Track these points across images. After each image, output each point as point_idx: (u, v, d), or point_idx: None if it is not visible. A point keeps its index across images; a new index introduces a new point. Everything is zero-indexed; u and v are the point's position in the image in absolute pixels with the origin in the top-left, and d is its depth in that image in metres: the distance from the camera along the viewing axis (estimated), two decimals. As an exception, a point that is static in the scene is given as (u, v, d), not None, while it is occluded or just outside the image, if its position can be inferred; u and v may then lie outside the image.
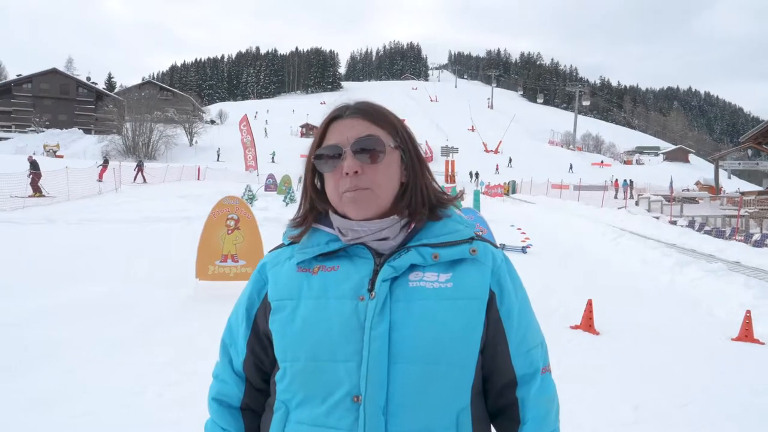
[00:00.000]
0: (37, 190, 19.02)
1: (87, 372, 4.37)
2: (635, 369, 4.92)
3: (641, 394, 4.25)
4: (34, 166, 19.52)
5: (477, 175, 54.12)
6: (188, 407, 3.74)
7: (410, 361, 0.99)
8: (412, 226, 1.11)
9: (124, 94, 78.24)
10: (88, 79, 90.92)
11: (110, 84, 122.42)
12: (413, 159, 1.14)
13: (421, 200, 1.12)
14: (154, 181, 30.20)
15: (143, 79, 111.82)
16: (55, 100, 77.17)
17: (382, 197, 1.09)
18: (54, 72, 79.52)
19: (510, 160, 73.94)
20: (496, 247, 1.15)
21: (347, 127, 1.10)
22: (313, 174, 1.15)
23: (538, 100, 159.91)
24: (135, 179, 29.41)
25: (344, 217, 1.11)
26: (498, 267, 1.11)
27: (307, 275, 1.10)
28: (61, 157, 47.25)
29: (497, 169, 66.28)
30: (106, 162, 28.80)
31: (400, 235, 1.10)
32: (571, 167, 70.06)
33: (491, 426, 1.15)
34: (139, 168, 30.70)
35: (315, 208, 1.16)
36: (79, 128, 71.25)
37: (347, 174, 1.06)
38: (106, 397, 3.88)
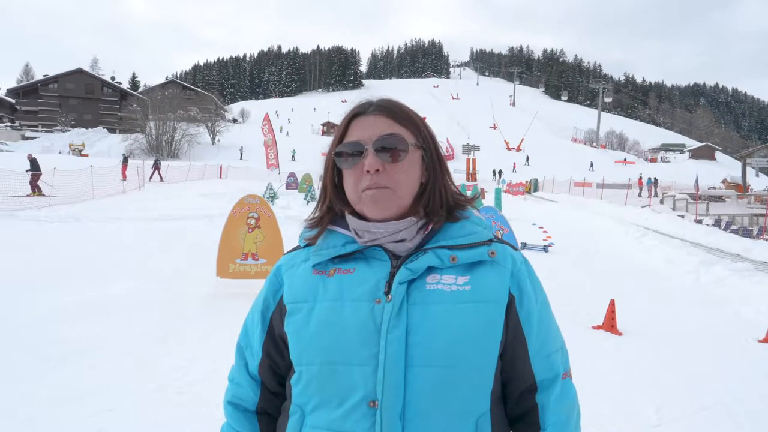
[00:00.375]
0: (36, 189, 18.95)
1: (109, 369, 4.44)
2: (658, 370, 4.83)
3: (665, 395, 4.17)
4: (33, 165, 19.33)
5: (500, 173, 53.65)
6: (209, 405, 3.76)
7: (427, 365, 0.97)
8: (430, 227, 1.09)
9: (147, 93, 79.18)
10: (113, 78, 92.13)
11: (134, 83, 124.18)
12: (434, 159, 1.12)
13: (439, 201, 1.10)
14: (176, 179, 30.51)
15: (166, 79, 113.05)
16: (81, 99, 78.46)
17: (402, 197, 1.07)
18: (79, 72, 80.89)
19: (527, 158, 72.89)
20: (515, 248, 1.13)
21: (369, 125, 1.08)
22: (333, 172, 1.14)
23: (562, 98, 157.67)
24: (151, 178, 29.14)
25: (361, 218, 1.09)
26: (517, 270, 1.08)
27: (323, 278, 1.09)
28: (86, 156, 48.13)
29: (514, 167, 65.37)
30: (125, 160, 28.71)
31: (417, 236, 1.08)
32: (591, 165, 68.59)
33: None
34: (156, 166, 30.35)
35: (332, 210, 1.15)
36: (103, 127, 72.34)
37: (368, 172, 1.05)
38: (128, 394, 3.94)
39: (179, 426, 3.49)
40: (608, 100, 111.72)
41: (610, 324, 6.05)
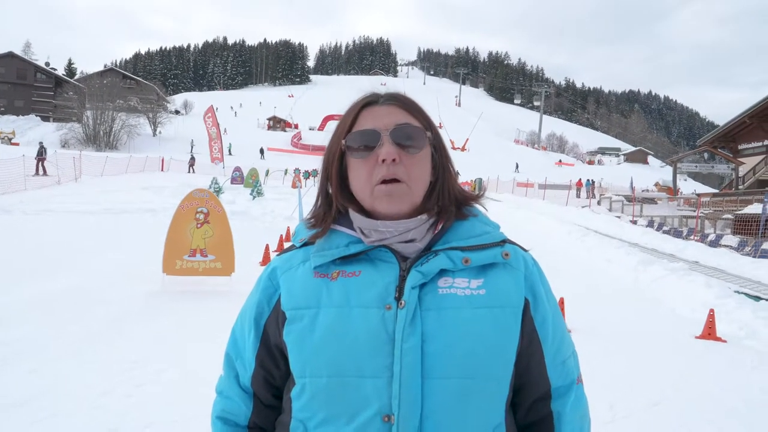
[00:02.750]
0: None
1: (51, 371, 4.19)
2: (607, 368, 4.98)
3: (615, 392, 4.30)
4: None
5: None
6: (159, 409, 3.63)
7: (445, 376, 0.92)
8: (439, 227, 1.04)
9: (85, 81, 75.63)
10: (47, 64, 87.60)
11: (70, 70, 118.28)
12: (443, 157, 1.08)
13: (449, 199, 1.05)
14: (115, 171, 29.20)
15: (105, 66, 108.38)
16: (12, 85, 74.03)
17: (416, 192, 1.01)
18: (11, 56, 76.27)
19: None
20: (524, 249, 1.10)
21: (384, 114, 1.03)
22: (340, 164, 1.06)
23: (515, 101, 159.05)
24: (37, 171, 23.02)
25: (367, 215, 1.03)
26: (530, 272, 1.04)
27: (326, 281, 1.01)
28: (17, 144, 45.50)
29: None
30: None
31: (426, 236, 1.02)
32: (517, 167, 66.97)
33: None
34: (40, 158, 23.85)
35: (337, 209, 1.07)
36: (36, 115, 68.76)
37: (383, 161, 0.98)
38: (72, 398, 3.72)
39: (131, 431, 3.33)
40: (537, 103, 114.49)
41: (559, 322, 6.20)
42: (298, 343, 0.99)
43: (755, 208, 21.59)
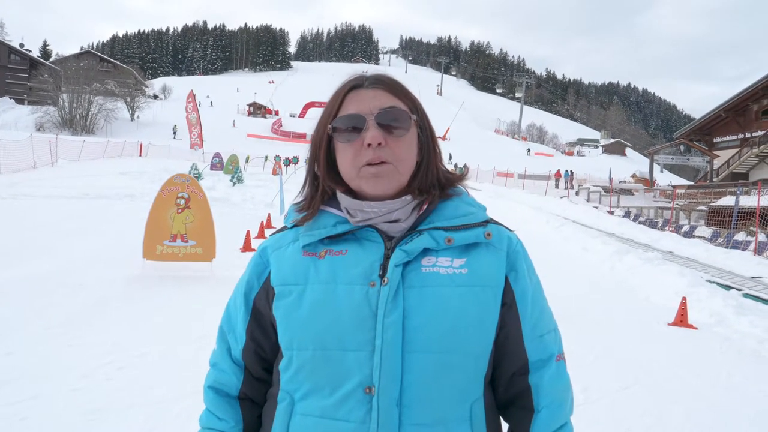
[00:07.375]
0: None
1: (29, 354, 4.17)
2: (581, 352, 5.10)
3: (588, 376, 4.42)
4: None
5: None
6: (139, 391, 3.64)
7: (425, 351, 0.95)
8: (424, 207, 1.06)
9: (60, 63, 73.90)
10: (21, 45, 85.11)
11: (45, 52, 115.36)
12: (428, 138, 1.10)
13: (432, 180, 1.08)
14: (92, 156, 28.67)
15: (82, 49, 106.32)
16: (-16, 66, 72.24)
17: (402, 173, 1.03)
18: (-18, 36, 74.43)
19: None
20: (509, 229, 1.12)
21: (369, 97, 1.04)
22: (327, 147, 1.08)
23: (497, 90, 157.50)
24: None
25: (354, 196, 1.05)
26: (513, 251, 1.07)
27: (314, 259, 1.04)
28: (-10, 127, 44.43)
29: None
30: None
31: (411, 217, 1.05)
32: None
33: (500, 417, 1.12)
34: None
35: (324, 191, 1.09)
36: (10, 98, 67.10)
37: (369, 145, 1.00)
38: (52, 380, 3.71)
39: (112, 413, 3.34)
40: (519, 95, 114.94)
41: (536, 309, 6.31)
42: (285, 318, 1.02)
43: (729, 200, 22.06)
